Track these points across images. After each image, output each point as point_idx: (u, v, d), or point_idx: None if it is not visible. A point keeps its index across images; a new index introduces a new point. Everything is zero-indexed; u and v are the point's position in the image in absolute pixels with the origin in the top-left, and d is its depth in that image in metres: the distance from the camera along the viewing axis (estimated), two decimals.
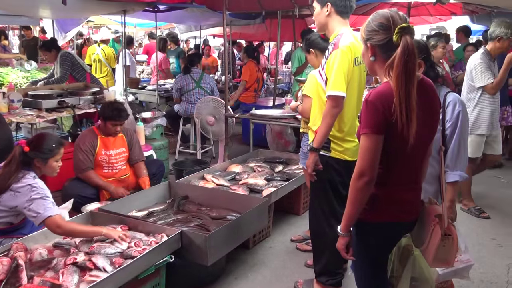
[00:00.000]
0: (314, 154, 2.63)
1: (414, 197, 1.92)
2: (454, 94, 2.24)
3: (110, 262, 2.43)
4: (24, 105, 4.61)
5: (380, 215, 1.83)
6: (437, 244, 1.84)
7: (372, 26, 1.74)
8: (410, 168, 1.84)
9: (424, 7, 7.87)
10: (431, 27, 16.01)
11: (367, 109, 1.69)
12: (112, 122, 3.79)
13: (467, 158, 2.26)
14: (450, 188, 2.25)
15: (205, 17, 7.19)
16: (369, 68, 1.87)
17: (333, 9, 2.63)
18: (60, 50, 5.82)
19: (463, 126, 2.20)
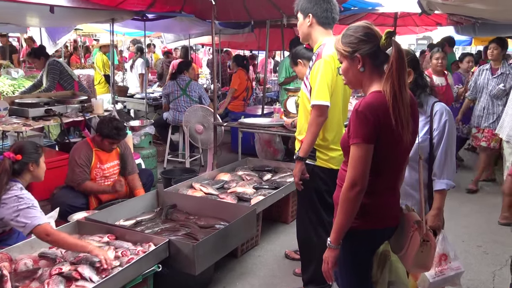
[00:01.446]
0: (300, 163, 2.66)
1: (396, 203, 1.97)
2: (441, 104, 2.27)
3: (97, 272, 2.40)
4: (11, 113, 4.56)
5: (368, 222, 1.85)
6: (416, 250, 1.87)
7: (358, 37, 1.76)
8: (394, 175, 1.90)
9: (410, 17, 8.01)
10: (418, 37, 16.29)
11: (357, 119, 1.70)
12: (110, 140, 3.75)
13: (454, 167, 2.28)
14: (438, 196, 2.27)
15: (194, 26, 7.22)
16: (354, 82, 1.86)
17: (314, 20, 2.67)
18: (48, 58, 5.79)
19: (450, 135, 2.23)
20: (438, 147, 2.23)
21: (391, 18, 7.87)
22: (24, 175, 2.71)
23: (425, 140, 2.23)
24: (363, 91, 1.87)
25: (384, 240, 2.04)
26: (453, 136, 2.26)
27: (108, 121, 3.82)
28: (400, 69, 1.68)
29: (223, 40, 9.40)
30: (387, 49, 1.72)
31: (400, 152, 1.83)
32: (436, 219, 2.26)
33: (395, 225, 1.97)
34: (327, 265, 1.88)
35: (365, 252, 1.96)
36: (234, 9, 6.13)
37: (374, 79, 1.79)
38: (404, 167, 1.99)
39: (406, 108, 1.70)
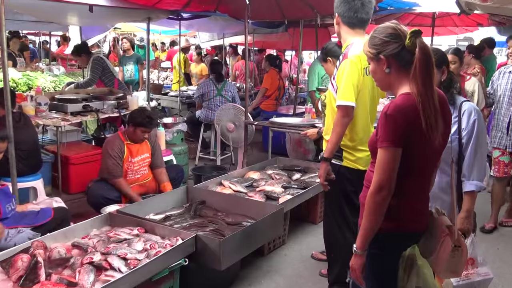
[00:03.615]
0: (325, 163, 2.64)
1: (425, 207, 1.91)
2: (469, 103, 2.24)
3: (125, 263, 2.48)
4: (51, 108, 4.75)
5: (395, 225, 1.81)
6: (447, 255, 1.83)
7: (382, 39, 1.74)
8: (423, 178, 1.85)
9: (450, 17, 7.78)
10: (458, 38, 15.77)
11: (386, 122, 1.68)
12: (142, 129, 3.86)
13: (484, 168, 2.24)
14: (467, 198, 2.22)
15: (228, 25, 7.28)
16: (382, 83, 1.84)
17: (340, 19, 2.65)
18: (91, 55, 5.99)
19: (479, 135, 2.18)
20: (467, 147, 2.19)
21: (429, 18, 7.68)
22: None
23: (454, 140, 2.20)
24: (392, 92, 1.83)
25: (411, 245, 1.98)
26: (483, 136, 2.21)
27: (140, 111, 3.99)
28: (425, 69, 1.65)
29: (257, 40, 9.42)
30: (413, 49, 1.68)
31: (430, 154, 1.78)
32: (465, 222, 2.21)
33: (423, 229, 1.92)
34: (355, 272, 1.85)
35: (391, 256, 1.89)
36: (267, 9, 6.14)
37: (403, 80, 1.75)
38: (435, 170, 1.95)
39: (434, 109, 1.66)
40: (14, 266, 2.37)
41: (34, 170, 4.01)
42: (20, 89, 6.37)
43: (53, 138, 5.44)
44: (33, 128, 4.17)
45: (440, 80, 2.23)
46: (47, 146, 5.12)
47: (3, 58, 3.20)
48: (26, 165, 3.83)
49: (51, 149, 4.89)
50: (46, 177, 4.40)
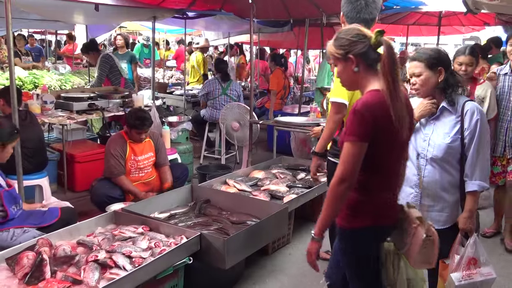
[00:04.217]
0: (316, 158, 2.73)
1: (395, 201, 1.97)
2: (472, 103, 2.22)
3: (130, 261, 2.48)
4: (56, 107, 4.78)
5: (367, 220, 1.87)
6: (419, 246, 1.89)
7: (349, 39, 1.80)
8: (392, 173, 1.91)
9: (456, 16, 7.73)
10: (464, 37, 15.68)
11: (354, 118, 1.73)
12: (135, 130, 3.87)
13: (487, 168, 2.22)
14: (469, 198, 2.21)
15: (234, 24, 7.28)
16: (350, 83, 1.90)
17: (344, 18, 2.65)
18: (99, 52, 6.01)
19: (482, 135, 2.17)
20: (469, 147, 2.17)
21: (435, 17, 7.65)
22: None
23: (456, 140, 2.18)
24: (360, 91, 1.88)
25: (384, 238, 2.01)
26: (485, 136, 2.19)
27: (133, 112, 3.96)
28: (392, 66, 1.72)
29: (262, 39, 9.42)
30: (378, 47, 1.77)
31: (398, 149, 1.86)
32: (467, 221, 2.20)
33: (394, 223, 1.97)
34: (311, 256, 1.93)
35: (367, 250, 1.94)
36: (273, 8, 6.14)
37: (370, 79, 1.82)
38: (403, 163, 2.00)
39: (401, 104, 1.74)
40: (20, 264, 2.39)
41: (40, 168, 4.03)
42: (26, 88, 6.41)
43: (58, 136, 5.47)
44: (39, 126, 4.19)
45: (437, 81, 2.20)
46: (52, 144, 5.14)
47: (9, 57, 3.21)
48: (32, 163, 3.85)
49: (57, 147, 4.91)
50: (51, 175, 4.42)
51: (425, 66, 2.18)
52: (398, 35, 10.47)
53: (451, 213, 2.24)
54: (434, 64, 2.18)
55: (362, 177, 1.80)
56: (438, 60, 2.19)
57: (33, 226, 2.95)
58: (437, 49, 2.28)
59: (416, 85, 2.22)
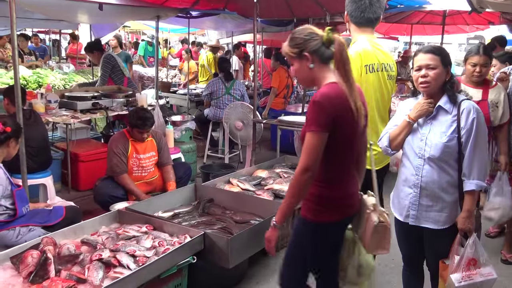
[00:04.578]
0: None
1: (356, 190, 2.08)
2: (469, 102, 2.18)
3: (134, 260, 2.49)
4: (60, 106, 4.79)
5: (337, 214, 1.98)
6: (371, 230, 2.00)
7: (303, 38, 1.90)
8: (352, 164, 2.01)
9: (460, 15, 7.70)
10: (469, 36, 15.63)
11: (314, 109, 1.81)
12: (137, 129, 3.87)
13: (485, 167, 2.18)
14: (467, 197, 2.17)
15: (237, 24, 7.28)
16: (306, 80, 1.97)
17: (348, 18, 2.64)
18: (103, 52, 6.02)
19: (479, 133, 2.13)
20: (466, 146, 2.14)
21: (440, 16, 7.63)
22: (1, 149, 2.83)
23: (453, 140, 2.15)
24: (317, 86, 1.94)
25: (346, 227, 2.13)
26: (483, 134, 2.16)
27: (135, 112, 3.95)
28: (345, 60, 1.84)
29: (266, 38, 9.40)
30: (331, 44, 1.86)
31: (356, 139, 1.96)
32: (466, 221, 2.17)
33: (356, 211, 2.09)
34: (270, 243, 2.02)
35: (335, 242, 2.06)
36: (276, 7, 6.14)
37: (326, 73, 1.91)
38: (361, 152, 2.08)
39: (357, 93, 1.86)
40: (24, 262, 2.39)
41: (44, 167, 4.04)
42: (30, 87, 6.43)
43: (62, 135, 5.49)
44: (43, 126, 4.21)
45: (445, 79, 2.18)
46: (56, 143, 5.16)
47: (14, 56, 3.22)
48: (36, 162, 3.87)
49: (61, 147, 4.93)
50: (55, 174, 4.43)
51: (441, 61, 2.15)
52: (402, 34, 10.45)
53: (450, 213, 2.22)
54: (446, 61, 2.17)
55: (327, 170, 1.90)
56: (448, 59, 2.20)
57: (38, 224, 2.96)
58: (440, 46, 2.27)
59: (427, 77, 2.15)
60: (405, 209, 2.32)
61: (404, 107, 2.35)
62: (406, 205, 2.32)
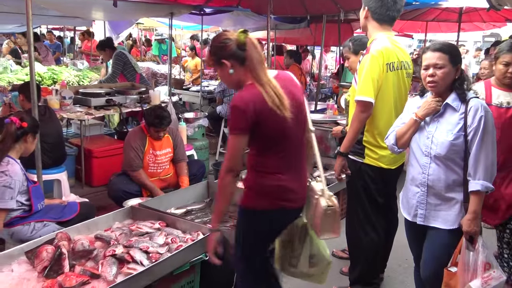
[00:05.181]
0: (340, 158, 2.68)
1: (295, 184, 2.06)
2: (477, 100, 2.13)
3: (147, 256, 2.50)
4: (75, 102, 4.82)
5: (265, 203, 2.01)
6: (321, 215, 2.02)
7: (218, 45, 1.97)
8: (289, 154, 2.01)
9: (477, 12, 7.58)
10: (485, 34, 15.41)
11: (232, 113, 1.90)
12: (154, 128, 3.87)
13: (492, 167, 2.10)
14: (473, 198, 2.10)
15: (250, 21, 7.25)
16: (232, 84, 2.04)
17: (369, 14, 2.60)
18: (114, 49, 6.05)
19: (486, 132, 2.07)
20: (472, 145, 2.08)
21: (456, 13, 7.51)
22: (19, 144, 2.84)
23: (459, 138, 2.10)
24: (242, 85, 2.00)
25: (288, 222, 2.11)
26: (490, 134, 2.09)
27: (152, 110, 3.95)
28: (257, 59, 1.91)
29: (279, 36, 9.36)
30: (245, 46, 1.92)
31: (288, 132, 1.96)
32: (472, 223, 2.10)
33: (298, 207, 2.10)
34: (209, 247, 2.11)
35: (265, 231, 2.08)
36: (290, 3, 6.10)
37: (246, 75, 1.95)
38: (299, 144, 2.06)
39: (275, 90, 1.89)
40: (39, 257, 2.42)
41: (58, 162, 4.08)
42: (45, 83, 6.49)
43: (77, 131, 5.53)
44: (58, 122, 4.24)
45: (454, 77, 2.14)
46: (71, 139, 5.20)
47: (30, 53, 3.24)
48: (51, 157, 3.90)
49: (75, 142, 4.97)
50: (70, 170, 4.47)
51: (449, 60, 2.11)
52: (417, 31, 10.33)
53: (460, 212, 2.16)
54: (456, 60, 2.12)
55: (260, 160, 1.99)
56: (458, 57, 2.15)
57: (53, 220, 2.99)
58: (455, 45, 2.23)
59: (435, 77, 2.12)
60: (413, 208, 2.29)
61: (412, 105, 2.31)
62: (414, 204, 2.29)
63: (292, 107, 1.94)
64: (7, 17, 5.75)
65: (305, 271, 2.28)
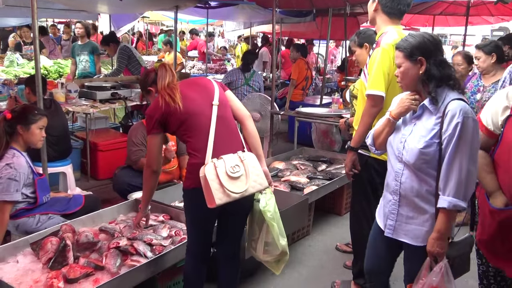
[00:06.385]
0: (351, 153, 2.63)
1: None
2: (458, 102, 1.82)
3: (151, 249, 2.51)
4: (80, 96, 4.84)
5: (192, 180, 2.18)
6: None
7: (143, 80, 2.54)
8: (201, 137, 2.20)
9: (485, 6, 7.49)
10: (493, 28, 15.25)
11: (146, 119, 2.30)
12: None
13: (464, 183, 1.80)
14: (440, 215, 1.86)
15: (255, 14, 7.25)
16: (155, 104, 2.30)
17: (379, 7, 2.57)
18: (119, 43, 6.06)
19: (462, 141, 1.78)
20: (445, 155, 1.82)
21: (463, 7, 7.43)
22: (16, 138, 2.84)
23: (431, 146, 1.85)
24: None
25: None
26: (468, 144, 1.79)
27: None
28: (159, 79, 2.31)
29: (284, 30, 9.33)
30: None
31: (197, 117, 2.23)
32: (435, 244, 1.86)
33: None
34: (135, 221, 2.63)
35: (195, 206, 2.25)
36: None
37: None
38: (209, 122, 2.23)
39: (173, 90, 2.24)
40: (44, 248, 2.44)
41: (64, 155, 4.10)
42: (51, 77, 6.51)
43: (82, 125, 5.56)
44: (63, 115, 4.26)
45: (417, 73, 1.90)
46: (76, 132, 5.23)
47: (35, 46, 3.25)
48: (57, 150, 3.92)
49: (80, 136, 5.00)
50: (75, 163, 4.50)
51: (404, 56, 1.91)
52: (424, 25, 10.23)
53: (431, 227, 1.92)
54: (414, 53, 1.88)
55: (188, 145, 2.24)
56: (418, 49, 1.88)
57: (58, 212, 3.01)
58: (421, 35, 1.93)
59: (398, 78, 1.97)
60: (385, 217, 2.09)
61: (394, 102, 2.08)
62: (386, 213, 2.09)
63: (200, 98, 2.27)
64: (12, 11, 5.77)
65: (260, 256, 2.44)
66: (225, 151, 2.19)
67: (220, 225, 2.42)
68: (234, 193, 2.11)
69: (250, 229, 2.45)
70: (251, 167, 2.19)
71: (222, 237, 2.44)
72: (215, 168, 2.10)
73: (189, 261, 2.39)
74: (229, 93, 2.44)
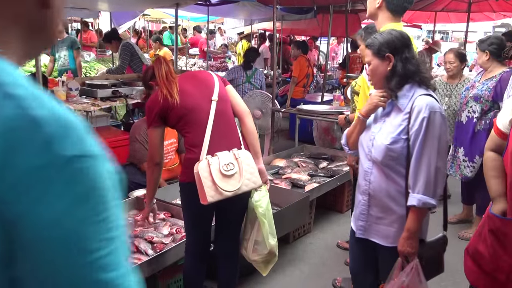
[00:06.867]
0: None
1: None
2: (425, 98, 1.81)
3: (152, 246, 2.51)
4: (81, 94, 4.84)
5: (187, 175, 2.19)
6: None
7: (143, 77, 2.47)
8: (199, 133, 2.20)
9: (487, 2, 7.46)
10: (495, 24, 15.18)
11: (146, 112, 2.30)
12: None
13: (433, 180, 1.79)
14: (410, 214, 1.83)
15: (256, 11, 7.23)
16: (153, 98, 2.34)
17: (384, 4, 2.56)
18: (121, 41, 6.05)
19: (428, 138, 1.77)
20: (412, 152, 1.80)
21: (465, 3, 7.39)
22: None
23: (397, 142, 1.84)
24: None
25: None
26: (436, 139, 1.78)
27: None
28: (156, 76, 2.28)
29: (285, 27, 9.31)
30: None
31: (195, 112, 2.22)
32: (405, 243, 1.85)
33: None
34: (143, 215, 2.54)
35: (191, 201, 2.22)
36: None
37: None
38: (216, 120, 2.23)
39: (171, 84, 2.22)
40: None
41: None
42: (52, 75, 6.50)
43: None
44: None
45: (386, 70, 1.88)
46: None
47: None
48: None
49: None
50: None
51: (373, 54, 1.89)
52: (425, 22, 10.22)
53: (400, 227, 1.89)
54: (382, 50, 1.86)
55: (186, 139, 2.24)
56: (387, 46, 1.86)
57: None
58: (389, 32, 1.92)
59: (368, 76, 1.96)
60: (356, 218, 2.08)
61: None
62: (356, 214, 2.07)
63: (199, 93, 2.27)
64: None
65: (250, 256, 2.42)
66: (221, 148, 2.19)
67: (218, 222, 2.42)
68: (227, 191, 2.11)
69: (244, 228, 2.45)
70: (245, 165, 2.19)
71: (220, 235, 2.44)
72: (208, 166, 2.11)
73: (188, 260, 2.40)
74: (230, 87, 2.44)
